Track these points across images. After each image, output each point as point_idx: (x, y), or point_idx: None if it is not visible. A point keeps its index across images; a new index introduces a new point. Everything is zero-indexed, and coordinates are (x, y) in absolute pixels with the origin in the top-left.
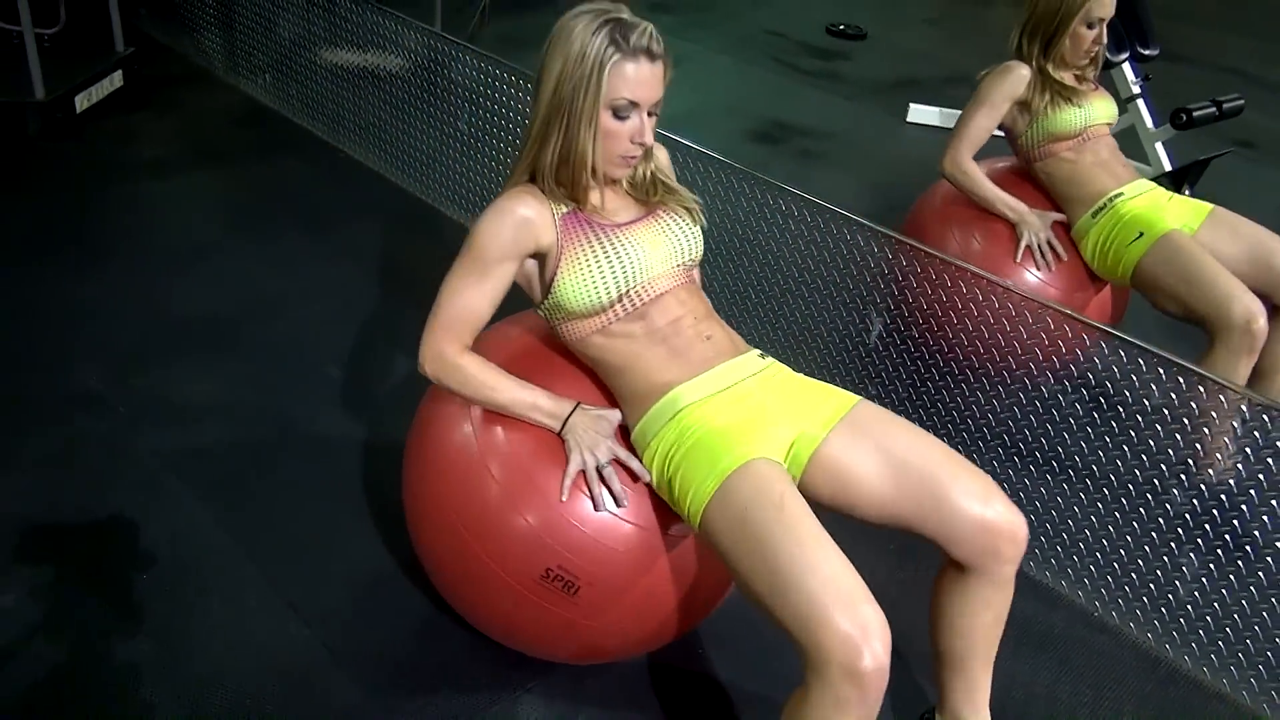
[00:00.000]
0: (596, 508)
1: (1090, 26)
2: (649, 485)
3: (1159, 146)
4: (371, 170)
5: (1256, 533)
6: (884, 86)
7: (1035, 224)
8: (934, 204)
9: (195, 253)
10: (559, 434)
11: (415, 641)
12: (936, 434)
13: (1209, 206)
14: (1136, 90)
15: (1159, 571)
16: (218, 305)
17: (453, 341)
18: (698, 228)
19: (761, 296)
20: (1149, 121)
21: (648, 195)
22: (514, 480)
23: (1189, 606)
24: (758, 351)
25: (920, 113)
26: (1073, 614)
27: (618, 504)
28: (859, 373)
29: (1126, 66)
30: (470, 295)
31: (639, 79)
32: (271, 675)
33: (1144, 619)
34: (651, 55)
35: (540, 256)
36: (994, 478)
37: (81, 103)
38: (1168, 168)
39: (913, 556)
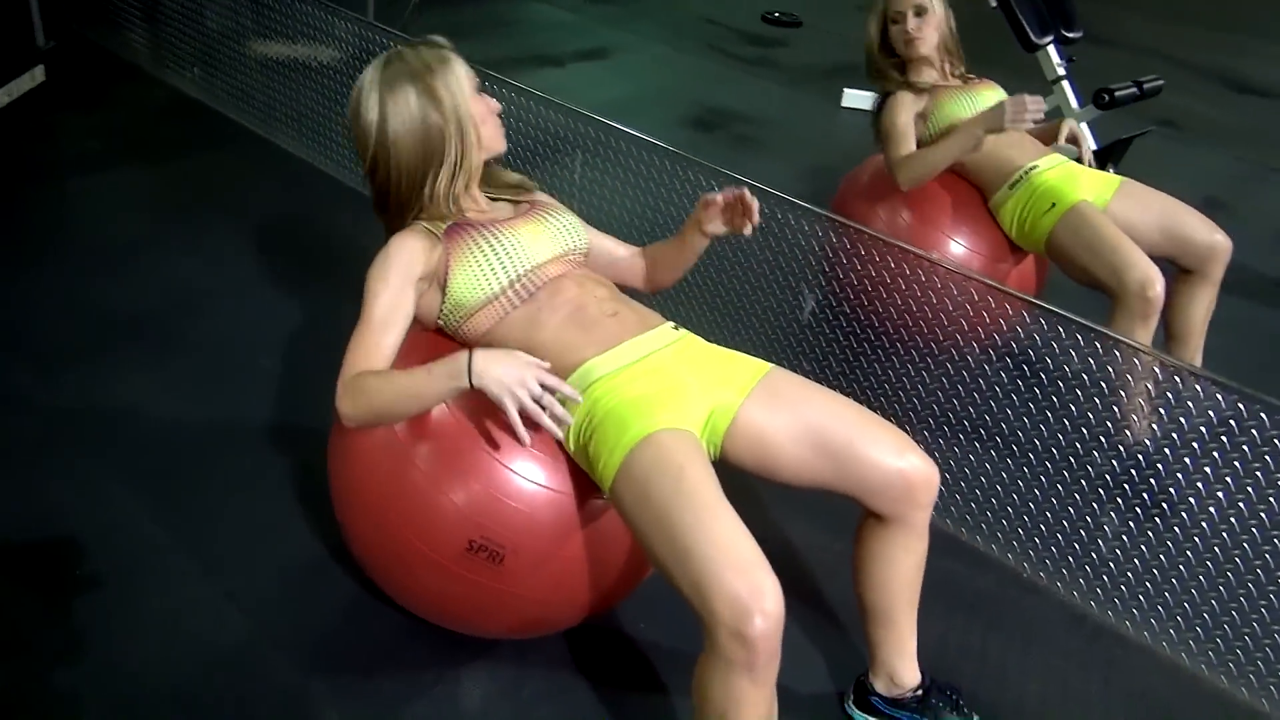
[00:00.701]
0: (521, 442)
1: (894, 23)
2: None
3: (1084, 126)
4: (305, 162)
5: (1171, 490)
6: (819, 72)
7: (1001, 112)
8: (860, 182)
9: (124, 249)
10: (473, 387)
11: (358, 625)
12: (870, 406)
13: (1119, 179)
14: (1061, 72)
15: (1082, 531)
16: (148, 301)
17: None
18: (577, 219)
19: (697, 277)
20: (1073, 102)
21: (517, 193)
22: (430, 456)
23: (1111, 563)
24: (671, 324)
25: (854, 97)
26: (1002, 575)
27: (562, 425)
28: (794, 349)
29: (1051, 49)
30: (373, 331)
31: (466, 70)
32: (213, 665)
33: (1070, 577)
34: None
35: (431, 276)
36: (926, 448)
37: (1, 99)
38: (1093, 147)
39: (848, 528)
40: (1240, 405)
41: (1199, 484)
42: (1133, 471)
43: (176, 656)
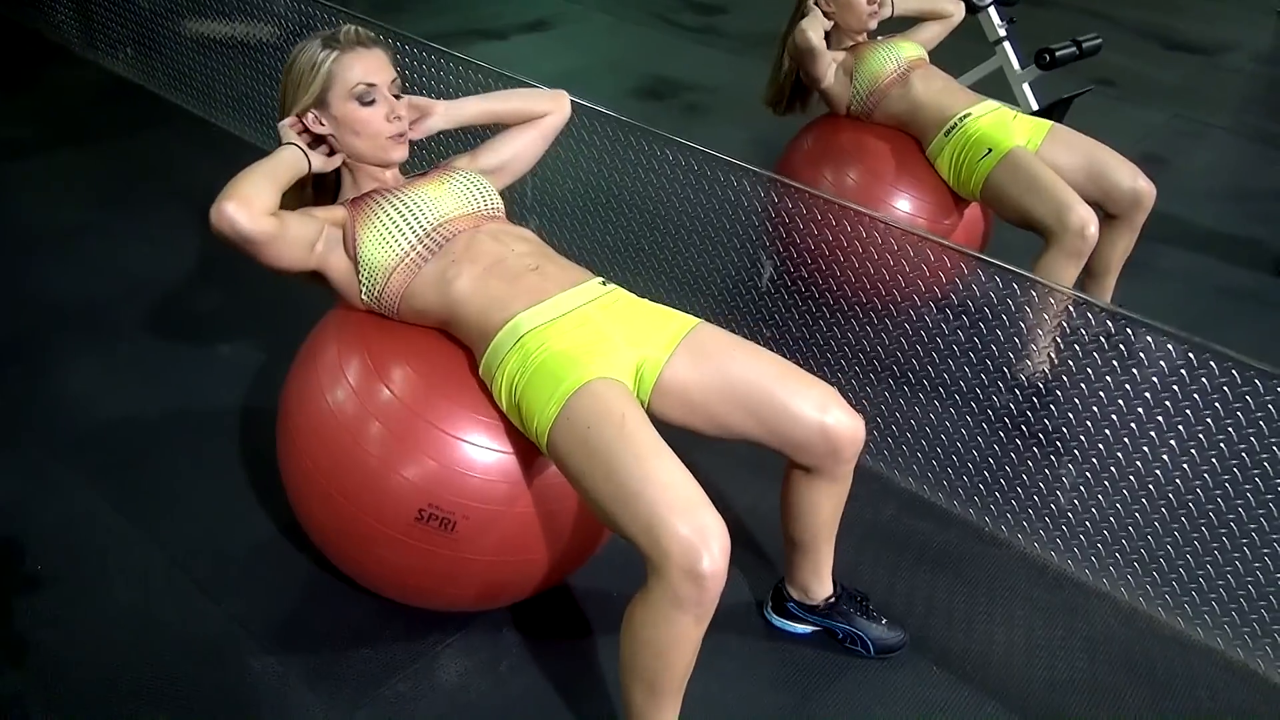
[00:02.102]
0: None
1: None
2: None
3: (1026, 87)
4: (246, 142)
5: (1126, 440)
6: (763, 38)
7: None
8: (803, 147)
9: (63, 235)
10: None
11: (330, 608)
12: (831, 370)
13: (1048, 124)
14: (1002, 33)
15: (1041, 484)
16: (93, 288)
17: None
18: (486, 179)
19: (654, 247)
20: (1015, 63)
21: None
22: (373, 433)
23: (1069, 514)
24: (599, 279)
25: None
26: (965, 530)
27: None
28: (753, 316)
29: (992, 10)
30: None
31: (366, 66)
32: (184, 655)
33: (1030, 529)
34: (364, 43)
35: (338, 241)
36: (887, 406)
37: None
38: (1035, 107)
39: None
40: (1190, 355)
41: (1152, 433)
42: (1088, 424)
43: (147, 648)
